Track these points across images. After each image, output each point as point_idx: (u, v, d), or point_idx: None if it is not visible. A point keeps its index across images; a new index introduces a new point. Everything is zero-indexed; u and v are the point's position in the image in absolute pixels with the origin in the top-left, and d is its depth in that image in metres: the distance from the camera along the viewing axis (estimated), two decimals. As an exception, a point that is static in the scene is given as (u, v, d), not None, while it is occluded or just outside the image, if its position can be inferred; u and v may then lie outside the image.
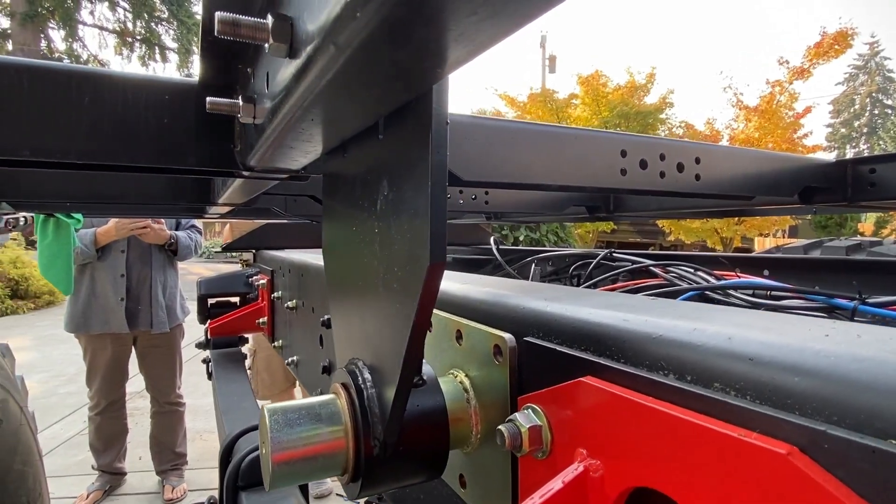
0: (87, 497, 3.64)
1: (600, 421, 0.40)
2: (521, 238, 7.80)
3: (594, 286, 1.73)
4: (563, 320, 0.49)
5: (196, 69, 0.86)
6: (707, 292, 1.47)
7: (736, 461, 0.30)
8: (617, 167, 1.16)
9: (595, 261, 2.00)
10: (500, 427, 0.45)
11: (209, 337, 2.43)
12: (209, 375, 2.31)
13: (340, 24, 0.32)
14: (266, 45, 0.38)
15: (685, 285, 1.56)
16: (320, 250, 0.72)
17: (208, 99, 0.60)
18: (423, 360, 0.58)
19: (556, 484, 0.40)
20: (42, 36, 18.60)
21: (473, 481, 0.62)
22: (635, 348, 0.40)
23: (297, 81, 0.39)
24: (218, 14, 0.37)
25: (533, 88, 16.55)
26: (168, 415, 3.71)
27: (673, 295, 1.47)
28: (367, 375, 0.54)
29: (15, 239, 12.20)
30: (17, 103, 0.66)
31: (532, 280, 2.31)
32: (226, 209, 2.26)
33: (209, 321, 2.46)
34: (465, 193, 2.16)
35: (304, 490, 1.20)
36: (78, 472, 4.15)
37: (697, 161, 1.29)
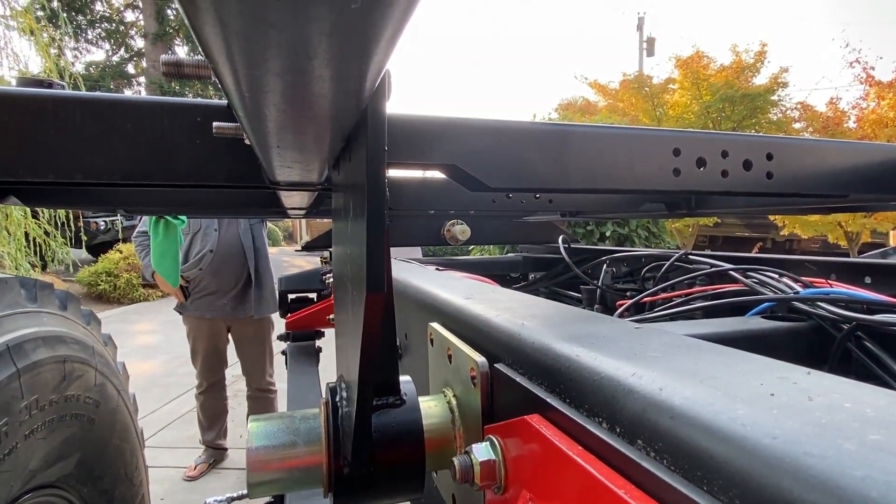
0: (195, 468, 4.07)
1: (539, 465, 0.37)
2: (608, 234, 7.39)
3: (671, 289, 1.62)
4: (528, 348, 0.46)
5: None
6: (792, 303, 1.32)
7: (635, 535, 0.26)
8: (668, 167, 1.07)
9: (668, 263, 1.87)
10: (453, 458, 0.44)
11: (287, 331, 2.61)
12: (287, 366, 2.48)
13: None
14: (212, 81, 0.40)
15: (769, 293, 1.41)
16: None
17: (214, 124, 0.64)
18: (408, 378, 0.58)
19: (492, 527, 0.38)
20: (170, 52, 20.88)
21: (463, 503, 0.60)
22: (579, 389, 0.37)
23: (242, 110, 0.40)
24: (163, 57, 0.40)
25: (626, 74, 15.67)
26: (260, 400, 4.03)
27: (751, 304, 1.34)
28: (346, 394, 0.54)
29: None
30: (70, 133, 0.75)
31: (602, 282, 2.20)
32: (301, 212, 2.40)
33: (288, 315, 2.63)
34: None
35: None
36: (188, 445, 4.64)
37: (769, 157, 1.14)
